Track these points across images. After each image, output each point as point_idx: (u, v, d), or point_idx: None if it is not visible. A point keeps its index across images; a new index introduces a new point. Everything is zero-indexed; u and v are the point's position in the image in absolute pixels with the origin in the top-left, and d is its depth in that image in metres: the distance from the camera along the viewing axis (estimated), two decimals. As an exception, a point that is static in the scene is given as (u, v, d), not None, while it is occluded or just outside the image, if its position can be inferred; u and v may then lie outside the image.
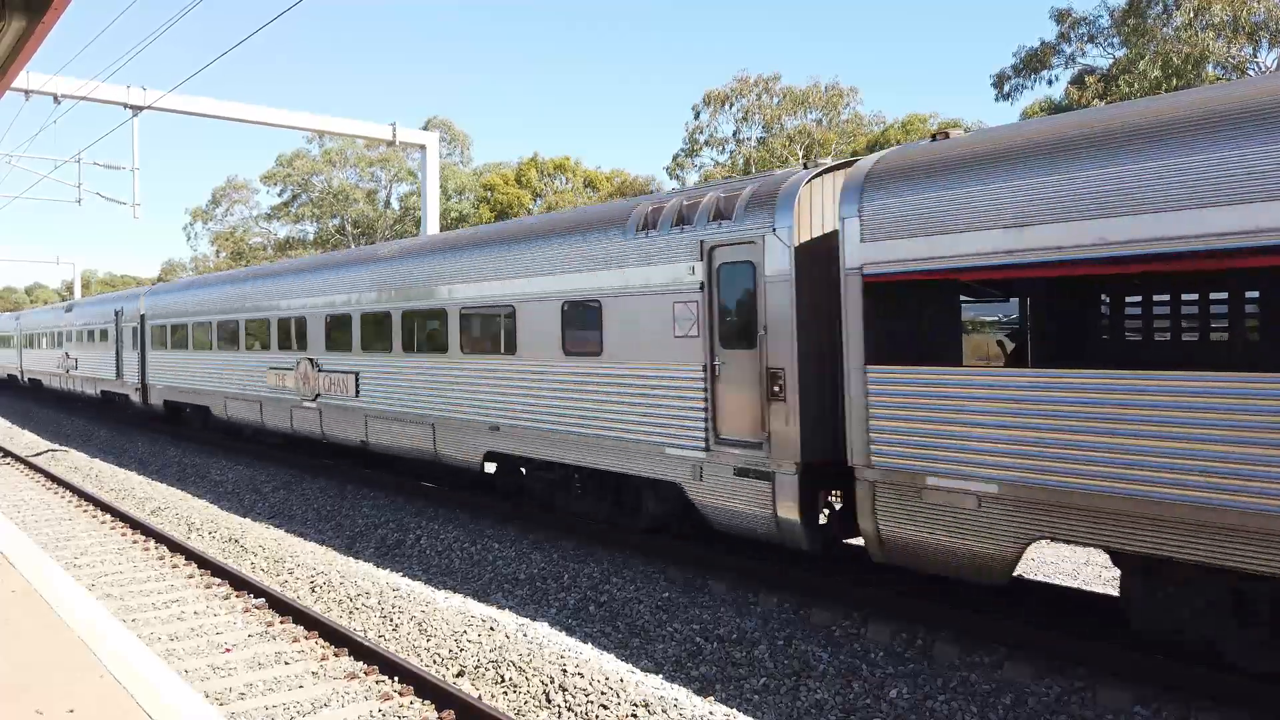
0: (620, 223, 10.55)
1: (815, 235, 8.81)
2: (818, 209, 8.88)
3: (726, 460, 9.10)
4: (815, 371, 8.58)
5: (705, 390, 9.31)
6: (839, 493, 9.22)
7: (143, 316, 25.01)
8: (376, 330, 14.76)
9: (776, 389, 8.58)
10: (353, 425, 15.48)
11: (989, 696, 6.92)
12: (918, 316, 7.50)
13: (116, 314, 27.04)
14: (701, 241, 9.38)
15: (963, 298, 7.30)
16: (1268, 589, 6.06)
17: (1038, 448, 6.67)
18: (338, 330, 15.96)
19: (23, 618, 6.95)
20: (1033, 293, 6.84)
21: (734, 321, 9.11)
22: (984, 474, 7.00)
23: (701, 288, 9.36)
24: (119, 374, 26.93)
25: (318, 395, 16.29)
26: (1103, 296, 6.71)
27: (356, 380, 15.23)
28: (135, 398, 25.64)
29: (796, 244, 8.58)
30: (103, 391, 28.68)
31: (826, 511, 9.23)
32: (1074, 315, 6.83)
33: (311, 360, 16.51)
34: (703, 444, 9.33)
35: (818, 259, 8.68)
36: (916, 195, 7.45)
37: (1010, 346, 7.12)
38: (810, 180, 8.83)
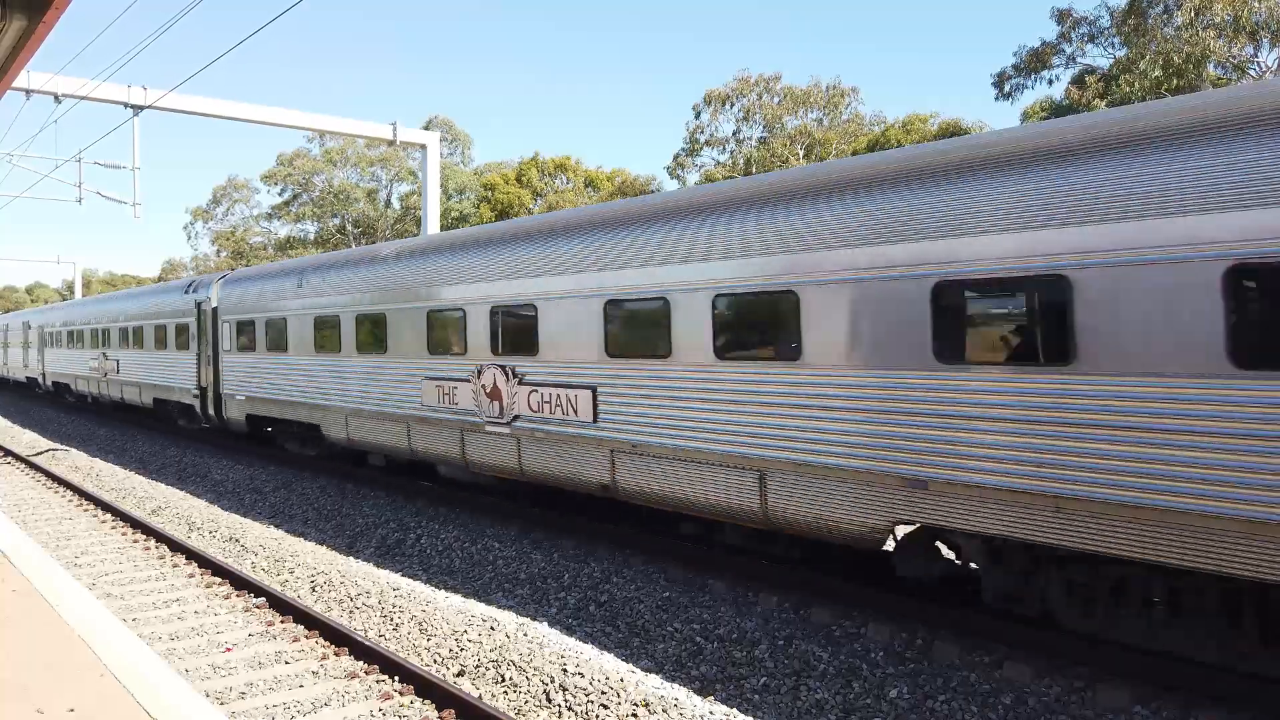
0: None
1: None
2: None
3: None
4: None
5: None
6: None
7: (215, 310, 20.20)
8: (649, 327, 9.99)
9: None
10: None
11: (989, 696, 6.92)
12: None
13: (190, 307, 21.42)
14: None
15: None
16: None
17: None
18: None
19: (23, 617, 6.96)
20: None
21: None
22: None
23: None
24: (183, 379, 21.77)
25: (515, 417, 11.85)
26: None
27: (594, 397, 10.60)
28: (208, 410, 20.56)
29: None
30: (155, 400, 23.94)
31: None
32: None
33: (504, 368, 11.93)
34: None
35: None
36: None
37: None
38: None
